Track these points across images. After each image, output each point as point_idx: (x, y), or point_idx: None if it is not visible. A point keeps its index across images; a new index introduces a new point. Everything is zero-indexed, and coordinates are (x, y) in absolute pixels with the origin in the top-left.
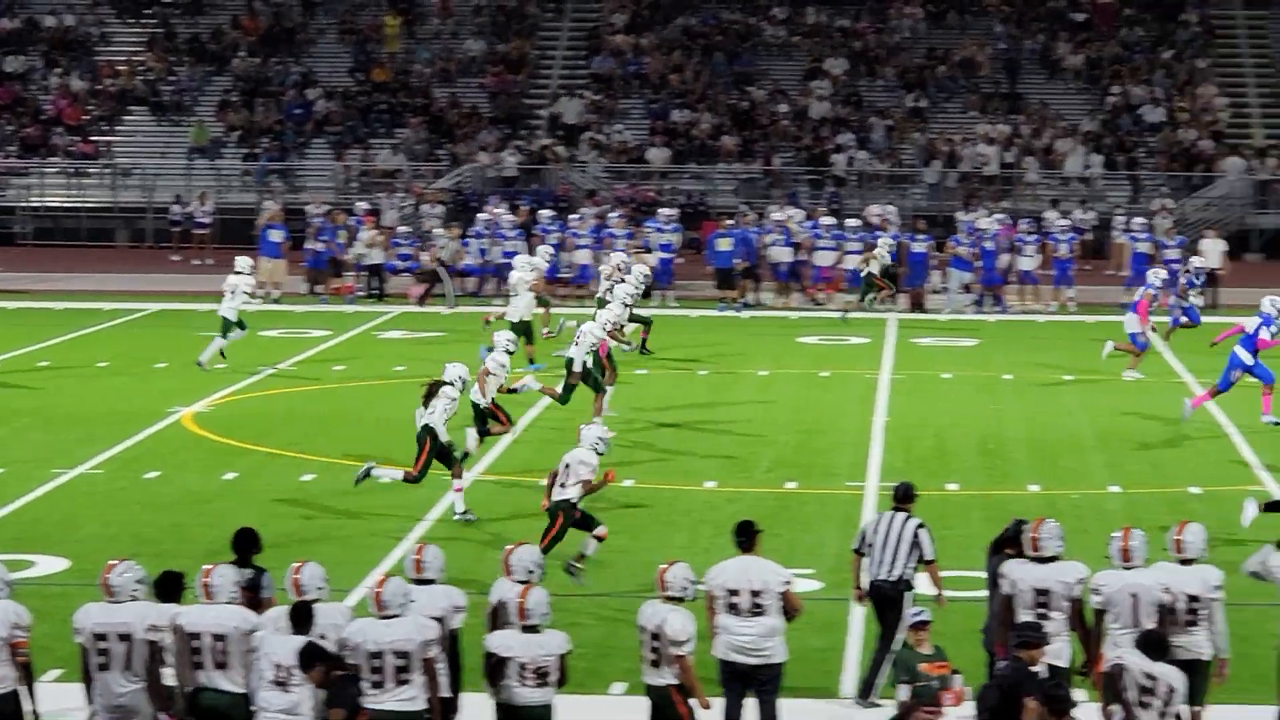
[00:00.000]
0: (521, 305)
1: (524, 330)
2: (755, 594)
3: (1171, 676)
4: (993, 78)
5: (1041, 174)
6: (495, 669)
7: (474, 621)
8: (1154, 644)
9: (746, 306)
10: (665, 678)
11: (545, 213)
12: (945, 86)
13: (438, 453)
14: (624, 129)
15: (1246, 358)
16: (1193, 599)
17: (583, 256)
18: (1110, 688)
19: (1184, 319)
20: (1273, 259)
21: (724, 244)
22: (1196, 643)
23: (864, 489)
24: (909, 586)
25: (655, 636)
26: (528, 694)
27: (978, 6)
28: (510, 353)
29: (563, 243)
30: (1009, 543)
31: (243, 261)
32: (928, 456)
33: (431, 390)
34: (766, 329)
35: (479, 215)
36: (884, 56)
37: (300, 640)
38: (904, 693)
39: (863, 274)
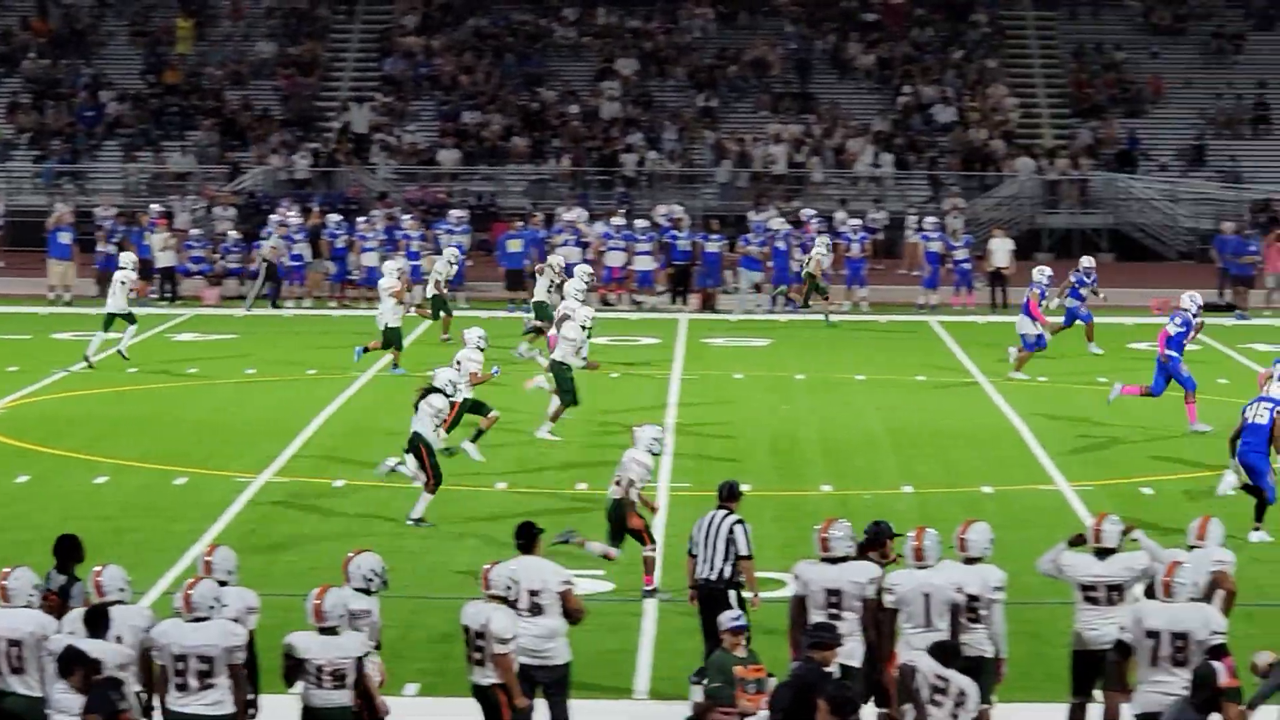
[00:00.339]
0: (387, 311)
1: (392, 337)
2: (533, 594)
3: (964, 682)
4: (784, 77)
5: (832, 174)
6: (291, 670)
7: (270, 623)
8: (946, 651)
9: None
10: (491, 677)
11: (333, 216)
12: (736, 86)
13: (414, 451)
14: (415, 130)
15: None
16: (973, 598)
17: (370, 259)
18: (903, 687)
19: (1078, 320)
20: (1062, 258)
21: (514, 245)
22: (978, 640)
23: (656, 489)
24: (734, 585)
25: (480, 636)
26: (325, 696)
27: (768, 7)
28: (481, 349)
29: (351, 245)
30: (870, 545)
31: (126, 257)
32: (719, 457)
33: (423, 396)
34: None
35: (270, 217)
36: (674, 57)
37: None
38: (698, 694)
39: (803, 274)
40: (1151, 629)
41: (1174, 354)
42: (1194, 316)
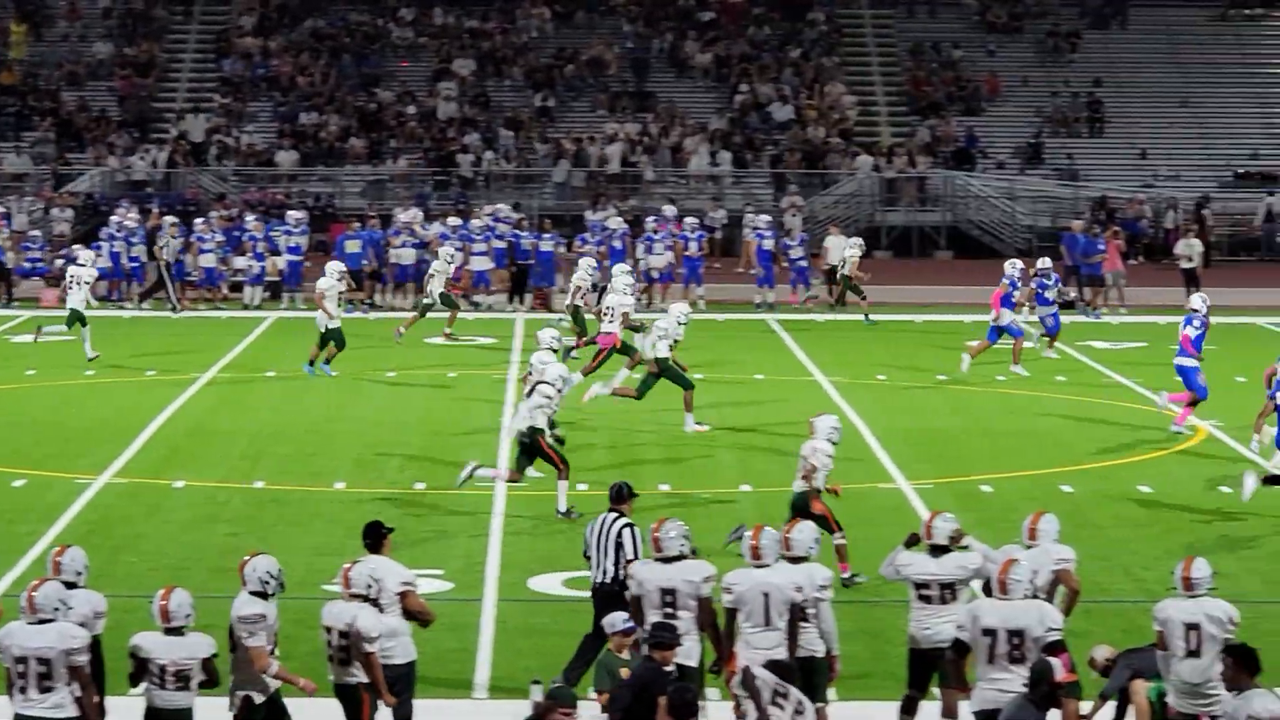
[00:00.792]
0: (327, 313)
1: (333, 336)
2: None
3: (802, 695)
4: (621, 77)
5: (669, 172)
6: (136, 670)
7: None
8: (783, 670)
9: (373, 308)
10: (357, 675)
11: (169, 218)
12: (574, 86)
13: (535, 449)
14: (253, 132)
15: (1191, 362)
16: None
17: (208, 260)
18: (746, 685)
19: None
20: (900, 256)
21: (352, 246)
22: (809, 640)
23: (493, 490)
24: (624, 587)
25: (344, 635)
26: (168, 697)
27: (606, 6)
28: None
29: (188, 246)
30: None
31: (85, 254)
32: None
33: (531, 390)
34: (392, 330)
35: (110, 219)
36: (512, 57)
37: None
38: (537, 693)
39: (839, 275)
40: (988, 627)
41: (1186, 362)
42: (1207, 315)
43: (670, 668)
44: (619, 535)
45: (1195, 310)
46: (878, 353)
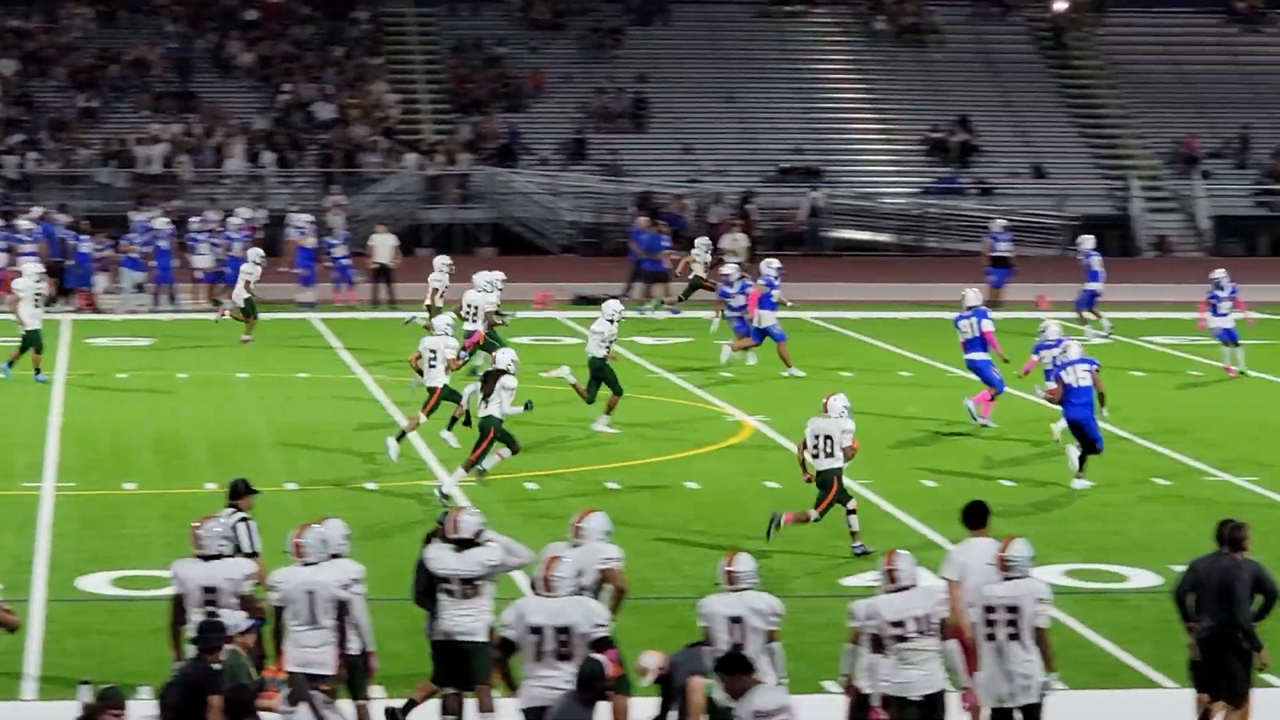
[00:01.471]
0: (25, 314)
1: (32, 339)
2: None
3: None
4: (164, 77)
5: (212, 172)
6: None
7: None
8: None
9: None
10: None
11: None
12: (118, 86)
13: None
14: None
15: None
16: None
17: None
18: (295, 697)
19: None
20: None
21: None
22: (349, 638)
23: (40, 490)
24: None
25: None
26: None
27: (149, 6)
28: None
29: None
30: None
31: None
32: (104, 456)
33: (487, 380)
34: None
35: None
36: (55, 57)
37: None
38: (85, 693)
39: (690, 278)
40: (535, 624)
41: (977, 356)
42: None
43: (218, 666)
44: (234, 530)
45: (974, 305)
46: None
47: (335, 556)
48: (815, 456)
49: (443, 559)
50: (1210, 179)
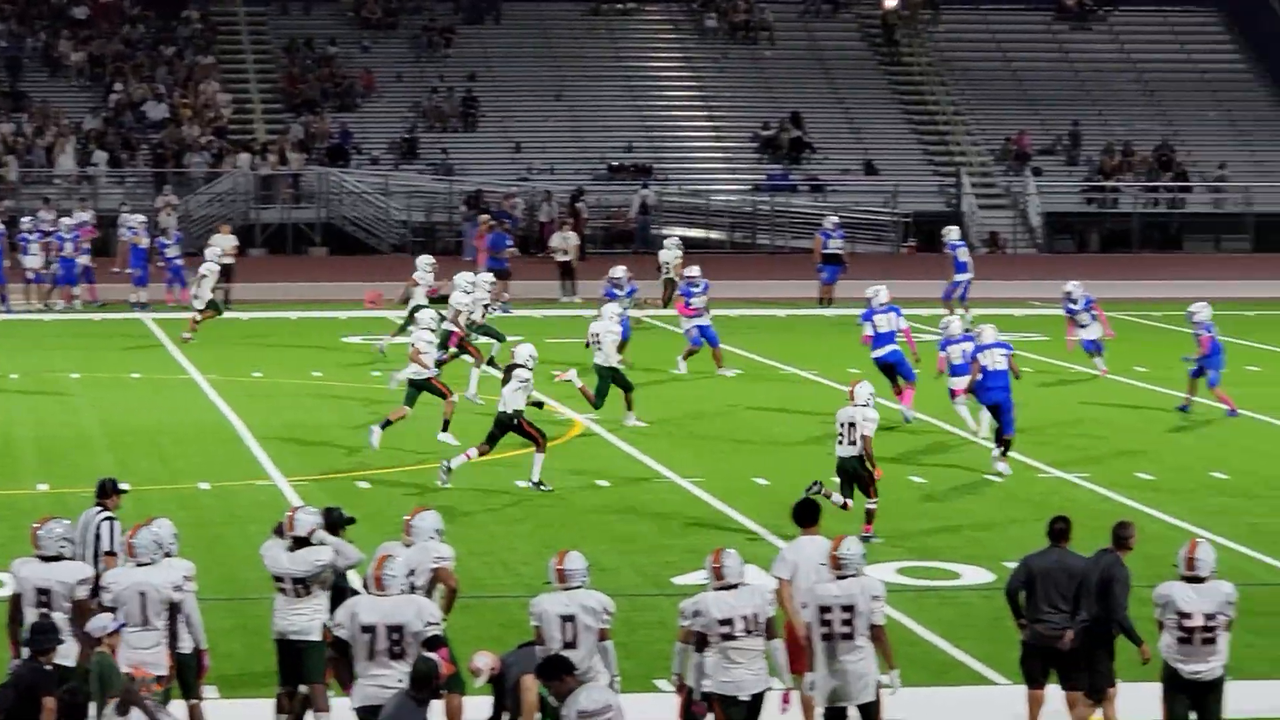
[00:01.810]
0: None
1: None
2: None
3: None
4: None
5: (43, 172)
6: None
7: None
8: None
9: None
10: None
11: None
12: None
13: (515, 428)
14: None
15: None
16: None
17: None
18: (127, 703)
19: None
20: (276, 253)
21: None
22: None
23: None
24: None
25: None
26: None
27: None
28: (432, 330)
29: None
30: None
31: None
32: None
33: (508, 373)
34: None
35: None
36: None
37: None
38: None
39: (663, 277)
40: (367, 623)
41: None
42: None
43: (50, 668)
44: (98, 529)
45: (887, 302)
46: (252, 350)
47: (168, 556)
48: (840, 443)
49: (277, 559)
50: (1041, 176)
